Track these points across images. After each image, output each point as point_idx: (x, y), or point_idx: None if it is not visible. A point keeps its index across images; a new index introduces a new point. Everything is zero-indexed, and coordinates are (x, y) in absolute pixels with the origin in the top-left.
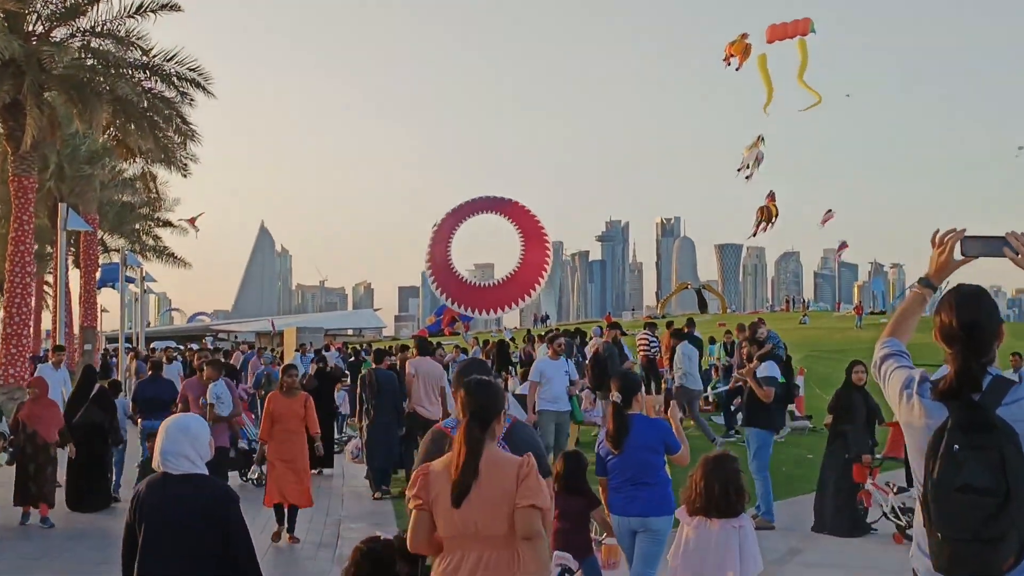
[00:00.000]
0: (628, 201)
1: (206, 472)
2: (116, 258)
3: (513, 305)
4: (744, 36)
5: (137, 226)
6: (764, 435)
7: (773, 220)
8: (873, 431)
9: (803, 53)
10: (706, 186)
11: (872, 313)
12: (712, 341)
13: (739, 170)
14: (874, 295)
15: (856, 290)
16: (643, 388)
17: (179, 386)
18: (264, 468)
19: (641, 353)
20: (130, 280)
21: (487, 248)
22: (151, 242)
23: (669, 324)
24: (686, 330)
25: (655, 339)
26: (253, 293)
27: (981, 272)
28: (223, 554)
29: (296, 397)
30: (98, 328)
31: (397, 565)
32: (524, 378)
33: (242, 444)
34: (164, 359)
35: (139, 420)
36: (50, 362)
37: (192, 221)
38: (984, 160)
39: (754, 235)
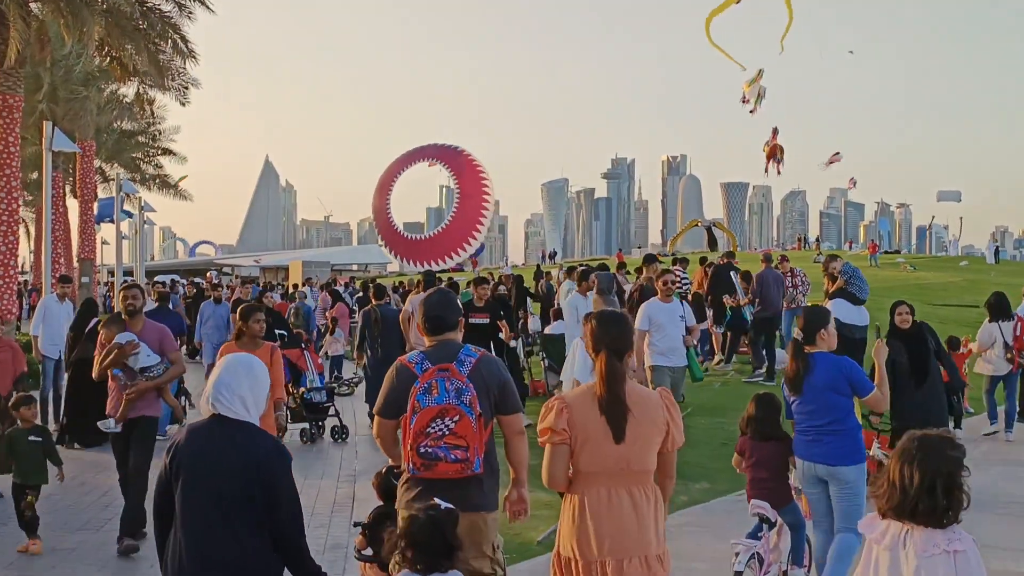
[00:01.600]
0: (634, 138)
1: (257, 422)
2: (114, 190)
3: (449, 257)
4: None
5: (136, 155)
6: None
7: (781, 157)
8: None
9: None
10: (712, 124)
11: (887, 252)
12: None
13: (743, 101)
14: (880, 235)
15: (862, 229)
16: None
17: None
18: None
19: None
20: (128, 215)
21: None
22: (151, 171)
23: (703, 260)
24: (724, 261)
25: (686, 275)
26: (258, 228)
27: (991, 216)
28: (267, 517)
29: (259, 349)
30: (97, 261)
31: (454, 537)
32: (548, 316)
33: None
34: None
35: None
36: (54, 293)
37: (177, 184)
38: (988, 99)
39: (766, 172)
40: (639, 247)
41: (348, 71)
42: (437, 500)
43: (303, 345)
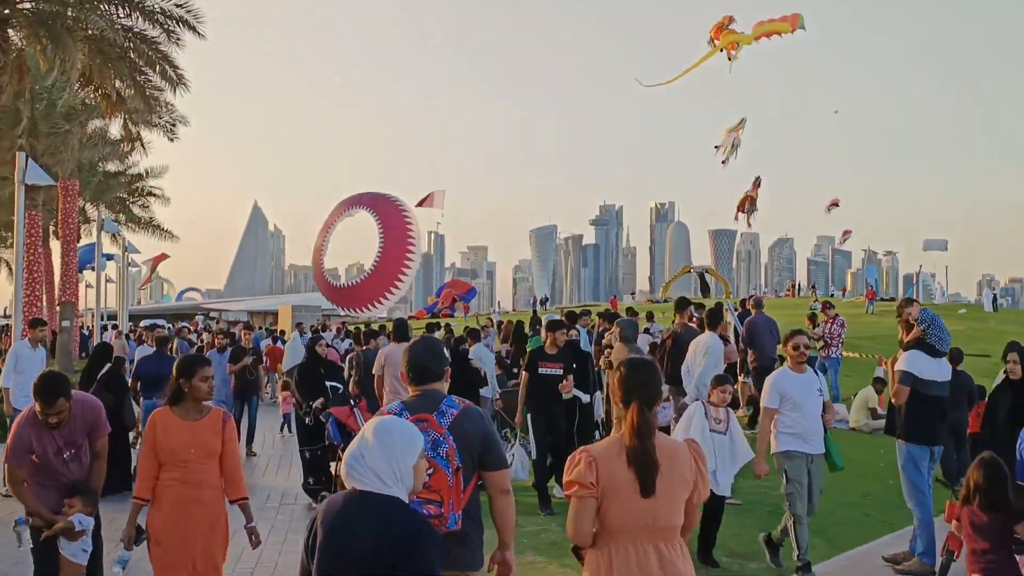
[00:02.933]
0: (622, 185)
1: (403, 497)
2: (95, 231)
3: (372, 305)
4: (729, 19)
5: (122, 194)
6: (905, 448)
7: (751, 209)
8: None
9: (779, 31)
10: (700, 171)
11: (882, 300)
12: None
13: (716, 148)
14: (868, 282)
15: (850, 277)
16: None
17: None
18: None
19: None
20: (109, 257)
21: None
22: (137, 211)
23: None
24: (752, 308)
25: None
26: (246, 272)
27: (978, 264)
28: None
29: (205, 416)
30: (82, 304)
31: None
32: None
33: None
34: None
35: (140, 399)
36: (26, 339)
37: (156, 261)
38: (976, 149)
39: (735, 219)
40: (632, 293)
41: (337, 116)
42: None
43: (353, 401)
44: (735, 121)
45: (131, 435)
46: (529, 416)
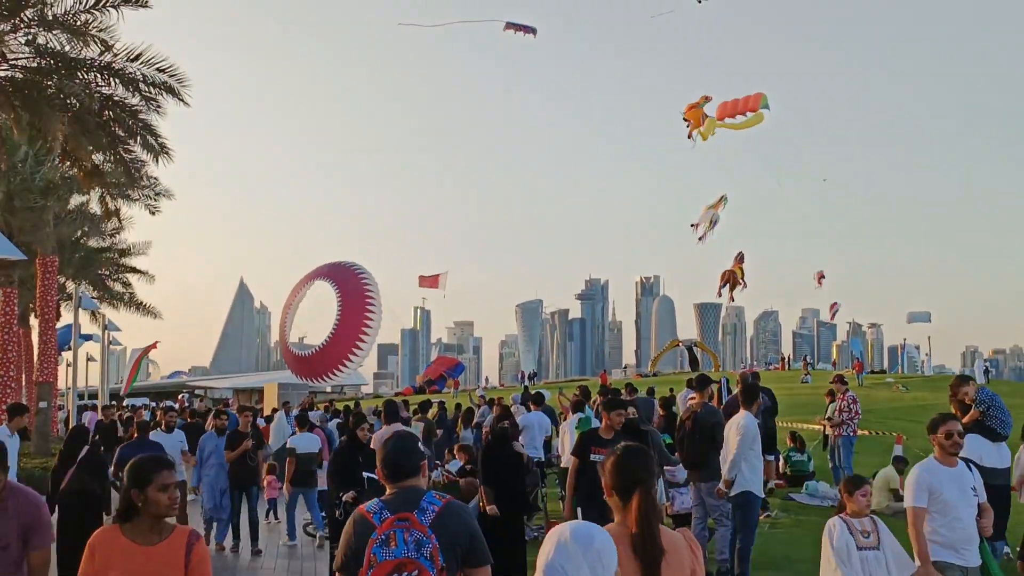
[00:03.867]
0: (607, 260)
1: None
2: (74, 308)
3: (331, 375)
4: (705, 99)
5: (104, 271)
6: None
7: (742, 283)
8: None
9: (744, 125)
10: (685, 245)
11: (873, 372)
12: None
13: (692, 226)
14: (853, 355)
15: (835, 349)
16: None
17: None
18: None
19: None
20: (87, 338)
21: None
22: (119, 288)
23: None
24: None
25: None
26: (232, 349)
27: (960, 336)
28: None
29: (166, 538)
30: (62, 384)
31: None
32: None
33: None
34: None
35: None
36: (4, 424)
37: (146, 351)
38: (958, 221)
39: (718, 295)
40: (625, 367)
41: (323, 193)
42: None
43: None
44: (716, 198)
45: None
46: (580, 510)
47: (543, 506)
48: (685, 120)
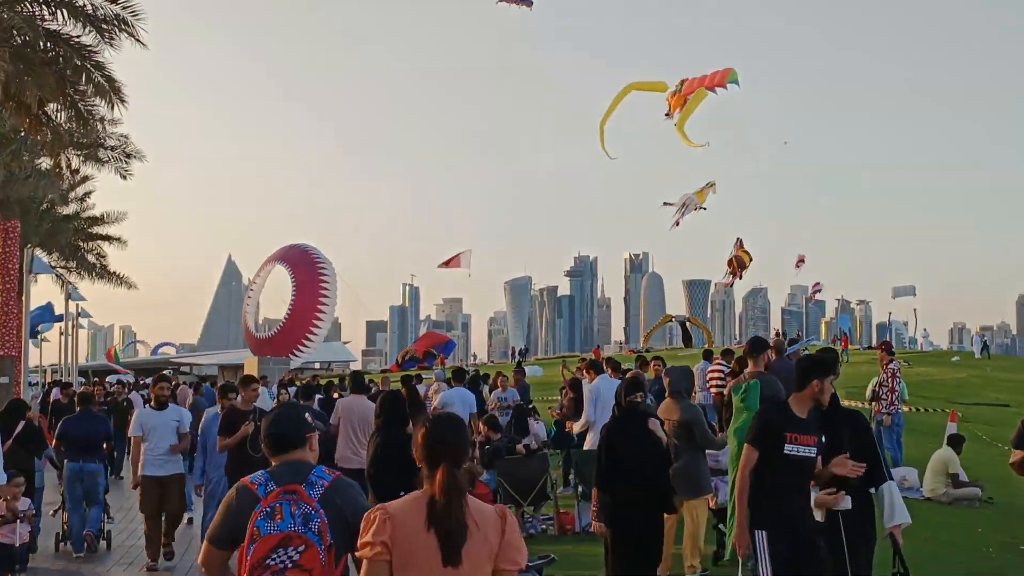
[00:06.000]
0: (596, 237)
1: None
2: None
3: (292, 355)
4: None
5: (76, 241)
6: None
7: (746, 266)
8: None
9: (695, 103)
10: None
11: (869, 348)
12: None
13: (665, 204)
14: (841, 331)
15: (824, 326)
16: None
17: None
18: None
19: (713, 390)
20: (59, 319)
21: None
22: (92, 260)
23: (727, 353)
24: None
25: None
26: (220, 327)
27: (947, 313)
28: None
29: None
30: (34, 360)
31: None
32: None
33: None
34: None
35: (65, 461)
36: None
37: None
38: (948, 197)
39: (730, 285)
40: (619, 342)
41: (311, 171)
42: None
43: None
44: (703, 184)
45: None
46: (764, 536)
47: (552, 496)
48: (668, 110)
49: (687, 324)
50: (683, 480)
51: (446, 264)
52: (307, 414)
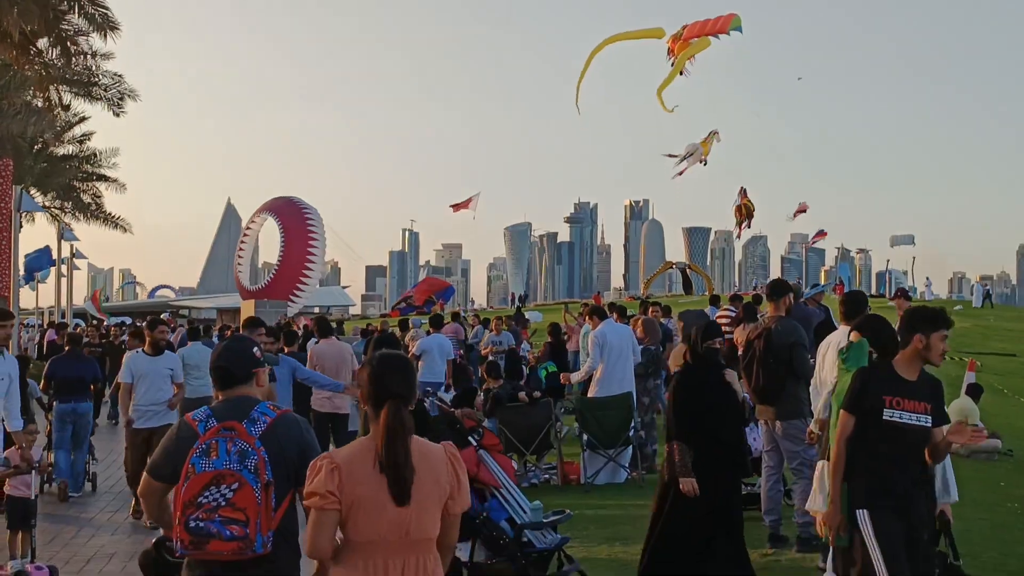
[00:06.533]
0: (597, 183)
1: None
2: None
3: (294, 297)
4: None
5: (72, 181)
6: None
7: (751, 215)
8: None
9: (695, 50)
10: (675, 169)
11: (873, 297)
12: None
13: (668, 155)
14: (840, 279)
15: (823, 275)
16: None
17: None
18: None
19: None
20: (52, 262)
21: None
22: (86, 200)
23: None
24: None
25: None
26: (219, 270)
27: (947, 262)
28: None
29: None
30: (30, 303)
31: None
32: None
33: None
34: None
35: (53, 403)
36: None
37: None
38: (949, 147)
39: (738, 236)
40: (618, 289)
41: (311, 115)
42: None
43: (475, 438)
44: (705, 134)
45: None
46: (866, 514)
47: (556, 445)
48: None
49: (687, 271)
50: None
51: (457, 207)
52: (255, 348)
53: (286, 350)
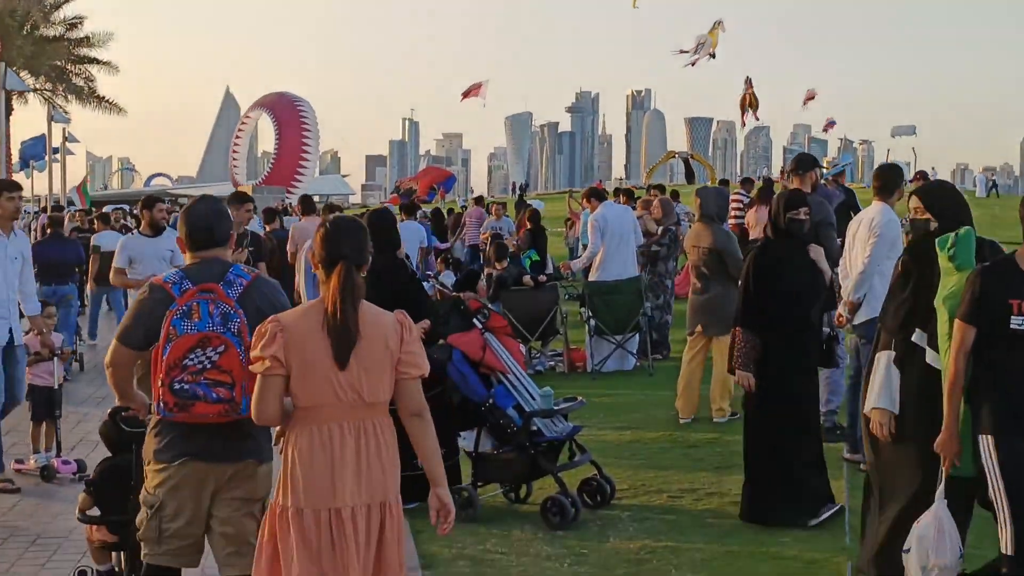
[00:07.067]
0: (599, 72)
1: None
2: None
3: (292, 187)
4: None
5: (62, 63)
6: None
7: (754, 107)
8: None
9: None
10: (677, 59)
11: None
12: None
13: (681, 51)
14: (841, 166)
15: (827, 165)
16: None
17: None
18: None
19: (732, 221)
20: (55, 150)
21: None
22: (79, 83)
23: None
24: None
25: (749, 200)
26: (218, 160)
27: (949, 153)
28: None
29: None
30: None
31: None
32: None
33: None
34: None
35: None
36: None
37: (80, 186)
38: (952, 37)
39: (744, 125)
40: (619, 179)
41: (312, 2)
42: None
43: (480, 319)
44: (711, 25)
45: None
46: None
47: (562, 331)
48: None
49: (690, 160)
50: (714, 314)
51: (467, 94)
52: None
53: (267, 228)
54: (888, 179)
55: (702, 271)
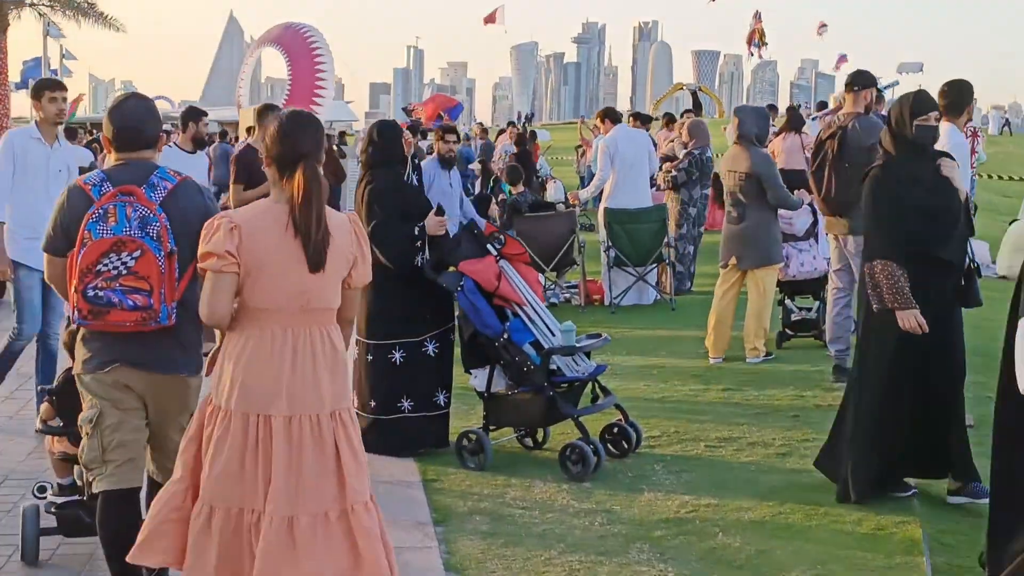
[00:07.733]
0: (606, 3)
1: None
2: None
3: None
4: None
5: None
6: None
7: (762, 42)
8: None
9: None
10: None
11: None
12: None
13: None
14: (837, 99)
15: (832, 101)
16: None
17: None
18: None
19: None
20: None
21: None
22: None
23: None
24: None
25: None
26: (221, 84)
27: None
28: None
29: None
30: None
31: None
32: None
33: None
34: None
35: None
36: None
37: (75, 103)
38: None
39: (753, 55)
40: (626, 111)
41: None
42: None
43: (495, 246)
44: None
45: None
46: None
47: (580, 261)
48: None
49: (698, 93)
50: (749, 245)
51: (488, 20)
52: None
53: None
54: (957, 96)
55: (739, 198)
